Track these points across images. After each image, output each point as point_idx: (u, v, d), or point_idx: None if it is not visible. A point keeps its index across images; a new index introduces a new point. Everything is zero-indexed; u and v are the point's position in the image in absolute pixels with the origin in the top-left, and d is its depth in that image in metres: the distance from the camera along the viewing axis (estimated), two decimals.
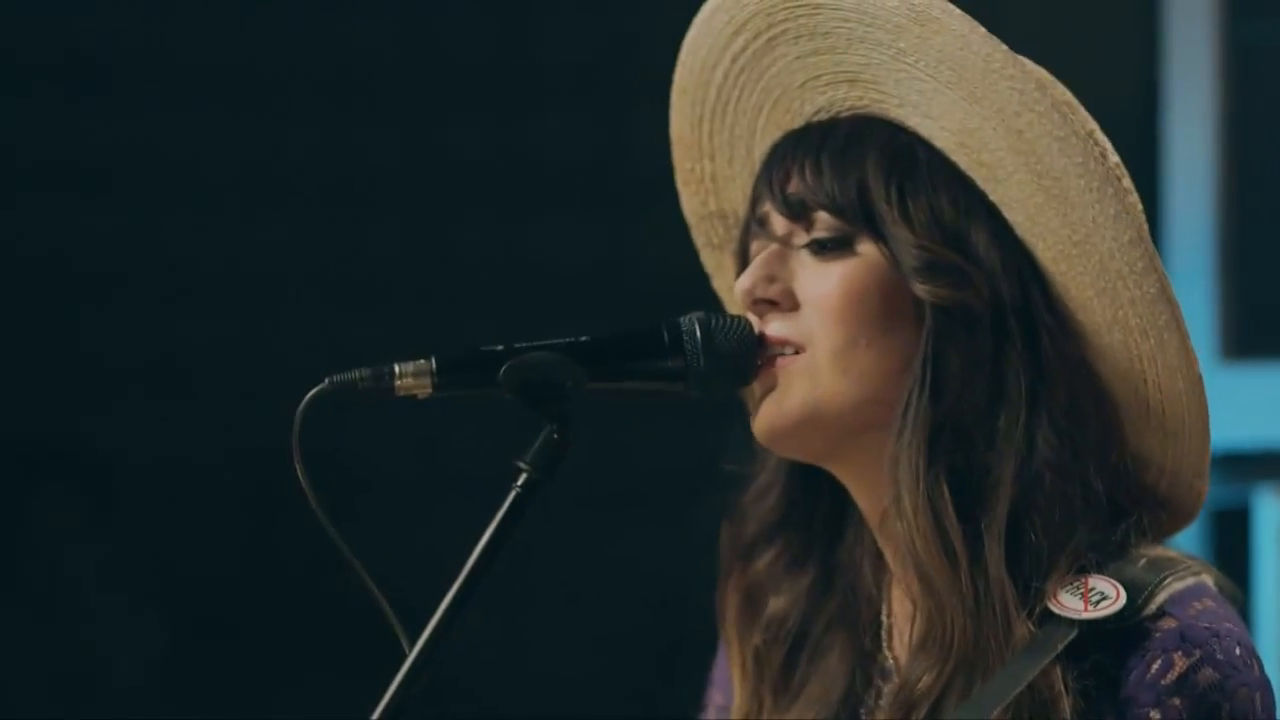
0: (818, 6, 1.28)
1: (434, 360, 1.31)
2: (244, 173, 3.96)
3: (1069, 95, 1.32)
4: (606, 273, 4.06)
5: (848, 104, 1.32)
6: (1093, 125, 1.32)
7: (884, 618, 1.39)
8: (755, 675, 1.41)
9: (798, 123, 1.35)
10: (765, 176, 1.34)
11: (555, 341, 1.33)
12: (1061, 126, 1.25)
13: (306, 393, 1.31)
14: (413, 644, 1.26)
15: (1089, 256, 1.26)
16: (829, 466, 1.36)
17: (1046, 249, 1.27)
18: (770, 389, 1.32)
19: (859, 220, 1.28)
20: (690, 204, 1.46)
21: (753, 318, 1.34)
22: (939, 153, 1.28)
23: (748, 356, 1.35)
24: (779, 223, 1.33)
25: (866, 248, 1.29)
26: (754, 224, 1.36)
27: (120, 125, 3.92)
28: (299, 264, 3.98)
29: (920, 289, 1.27)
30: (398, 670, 1.26)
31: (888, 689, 1.34)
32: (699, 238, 1.46)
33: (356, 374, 1.31)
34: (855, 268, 1.29)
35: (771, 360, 1.33)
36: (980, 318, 1.27)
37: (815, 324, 1.30)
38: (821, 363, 1.30)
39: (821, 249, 1.30)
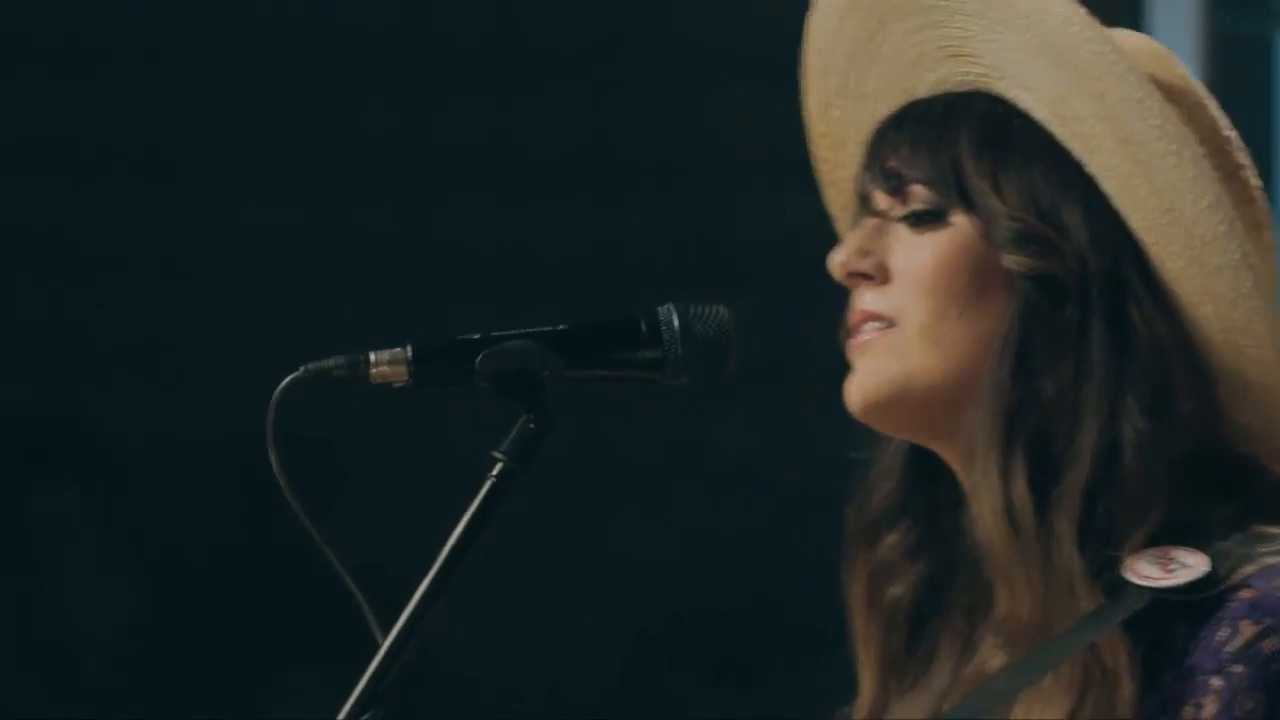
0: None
1: (410, 348, 1.31)
2: (237, 156, 3.95)
3: (1157, 48, 1.33)
4: (597, 258, 4.05)
5: (954, 80, 1.32)
6: (1183, 84, 1.32)
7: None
8: (881, 664, 1.39)
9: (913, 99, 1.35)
10: (869, 154, 1.35)
11: (532, 330, 1.33)
12: (1139, 88, 1.25)
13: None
14: (386, 633, 1.26)
15: (1176, 224, 1.25)
16: (931, 444, 1.36)
17: (1139, 219, 1.27)
18: (862, 363, 1.33)
19: (952, 192, 1.29)
20: (830, 195, 1.45)
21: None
22: (1036, 125, 1.28)
23: (725, 345, 1.35)
24: (878, 197, 1.33)
25: (959, 219, 1.29)
26: (859, 202, 1.36)
27: (114, 107, 3.91)
28: (292, 247, 3.98)
29: (1009, 260, 1.27)
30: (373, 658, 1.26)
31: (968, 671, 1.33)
32: (843, 229, 1.45)
33: (332, 361, 1.31)
34: (947, 239, 1.29)
35: (863, 334, 1.33)
36: (1069, 290, 1.27)
37: (907, 297, 1.30)
38: (911, 336, 1.30)
39: (916, 221, 1.30)
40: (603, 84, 4.05)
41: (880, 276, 1.32)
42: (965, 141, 1.29)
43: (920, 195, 1.30)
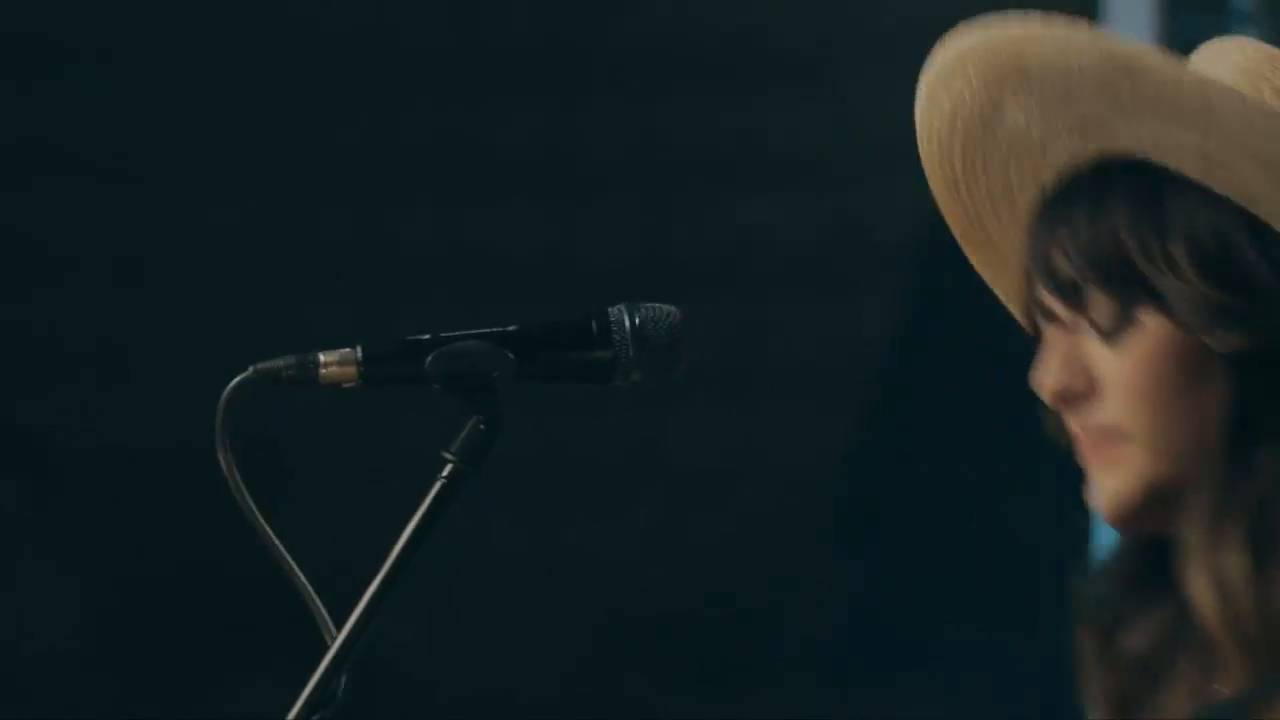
0: (1024, 72, 1.25)
1: (360, 349, 1.31)
2: (195, 158, 3.93)
3: (1269, 51, 1.29)
4: (551, 260, 4.05)
5: (1087, 154, 1.27)
6: None
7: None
8: (1113, 706, 1.38)
9: (1046, 175, 1.29)
10: (1030, 254, 1.30)
11: (483, 331, 1.33)
12: (1273, 119, 1.22)
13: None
14: (336, 634, 1.26)
15: None
16: (1165, 530, 1.33)
17: None
18: (1102, 478, 1.29)
19: (1131, 288, 1.24)
20: (975, 258, 1.40)
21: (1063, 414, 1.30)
22: (1187, 180, 1.23)
23: (677, 346, 1.36)
24: (1056, 306, 1.28)
25: (1147, 315, 1.24)
26: (1034, 304, 1.31)
27: (73, 107, 3.89)
28: (250, 248, 3.97)
29: (1209, 341, 1.23)
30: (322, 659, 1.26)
31: None
32: (985, 274, 1.41)
33: (281, 362, 1.30)
34: (1144, 341, 1.25)
35: (1093, 448, 1.29)
36: (1276, 350, 1.23)
37: (1125, 408, 1.26)
38: (1142, 445, 1.26)
39: (1106, 332, 1.26)
40: (558, 87, 4.05)
41: (1090, 391, 1.28)
42: (1124, 226, 1.24)
43: (1101, 303, 1.25)
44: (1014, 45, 1.26)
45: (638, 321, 1.34)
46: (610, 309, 1.35)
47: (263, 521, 1.30)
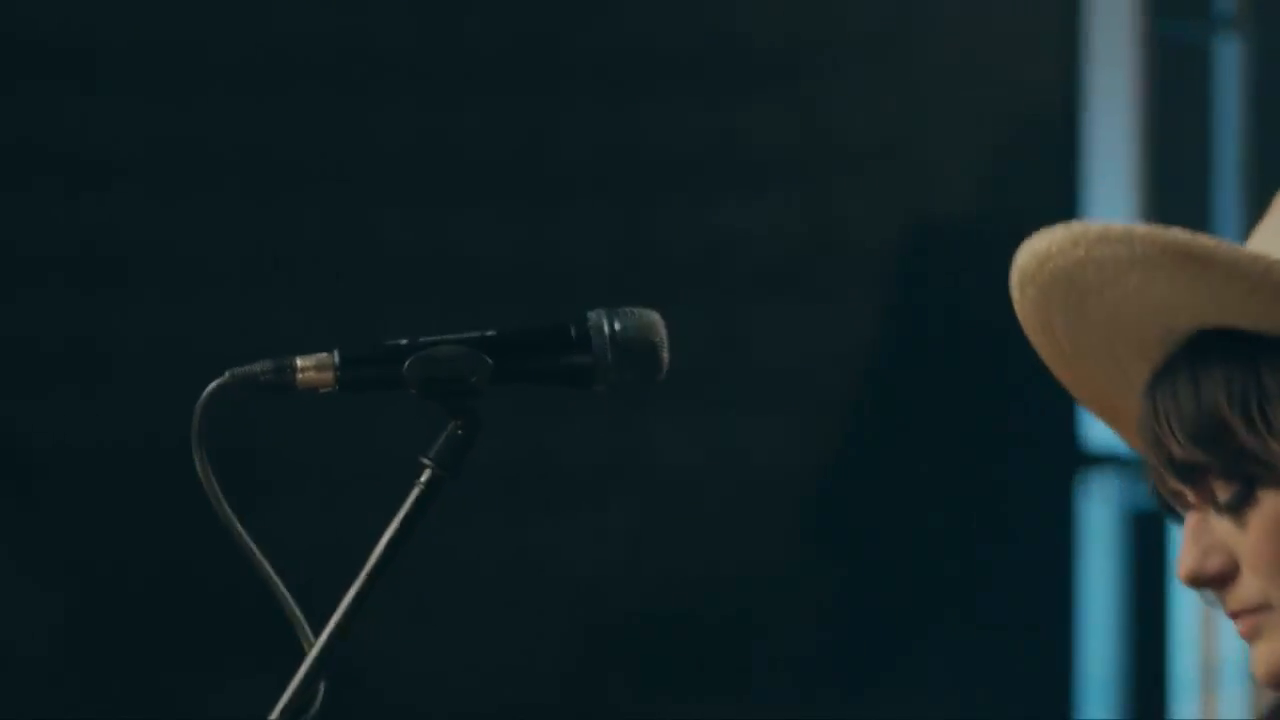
0: (1099, 260, 1.24)
1: (337, 353, 1.30)
2: (171, 159, 3.92)
3: None
4: (529, 264, 4.05)
5: (1180, 325, 1.27)
6: None
7: None
8: None
9: (1150, 334, 1.30)
10: (1145, 438, 1.30)
11: (461, 335, 1.33)
12: None
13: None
14: (313, 640, 1.26)
15: None
16: None
17: None
18: (1258, 647, 1.29)
19: (1241, 463, 1.25)
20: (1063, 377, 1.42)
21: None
22: (1270, 340, 1.24)
23: (656, 350, 1.35)
24: (1183, 489, 1.29)
25: (1263, 487, 1.25)
26: (1162, 489, 1.31)
27: (49, 108, 3.87)
28: (226, 251, 3.96)
29: None
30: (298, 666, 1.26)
31: None
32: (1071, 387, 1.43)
33: (258, 367, 1.30)
34: (1266, 517, 1.26)
35: (1246, 622, 1.29)
36: None
37: (1266, 583, 1.27)
38: None
39: (1231, 512, 1.27)
40: (534, 90, 4.04)
41: (1230, 571, 1.29)
42: (1227, 405, 1.24)
43: (1220, 486, 1.26)
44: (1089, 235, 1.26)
45: (617, 326, 1.34)
46: (589, 313, 1.34)
47: (239, 526, 1.30)
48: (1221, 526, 1.27)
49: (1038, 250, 1.27)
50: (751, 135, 4.14)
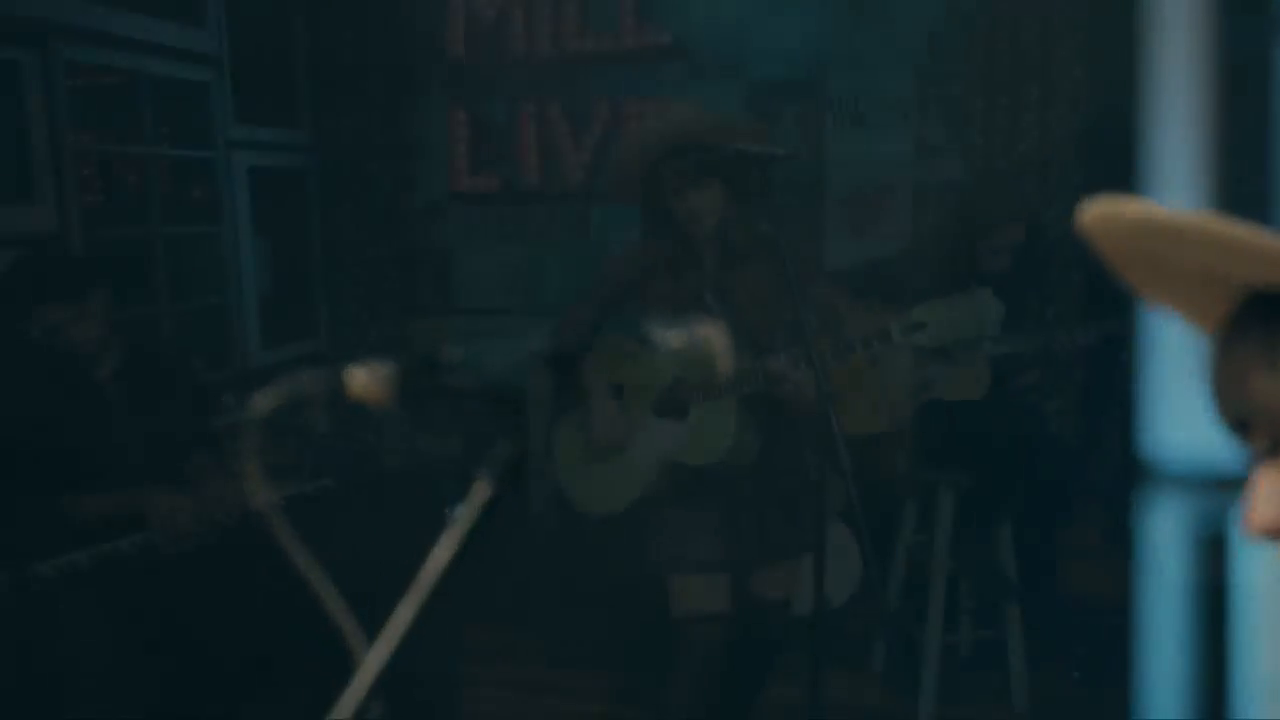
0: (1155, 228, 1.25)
1: (391, 365, 1.29)
2: None
3: None
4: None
5: (1225, 295, 1.30)
6: None
7: None
8: None
9: (1216, 289, 1.31)
10: (1213, 398, 1.35)
11: (515, 350, 1.32)
12: None
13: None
14: (366, 655, 1.25)
15: None
16: None
17: None
18: None
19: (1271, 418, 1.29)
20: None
21: None
22: None
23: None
24: (1251, 437, 1.32)
25: None
26: (1245, 441, 1.34)
27: None
28: None
29: None
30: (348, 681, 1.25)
31: None
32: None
33: (309, 377, 1.29)
34: None
35: None
36: None
37: None
38: None
39: (1267, 457, 1.31)
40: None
41: None
42: (1250, 360, 1.28)
43: (1259, 434, 1.30)
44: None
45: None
46: (650, 328, 1.34)
47: (296, 541, 1.29)
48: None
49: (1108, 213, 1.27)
50: None
